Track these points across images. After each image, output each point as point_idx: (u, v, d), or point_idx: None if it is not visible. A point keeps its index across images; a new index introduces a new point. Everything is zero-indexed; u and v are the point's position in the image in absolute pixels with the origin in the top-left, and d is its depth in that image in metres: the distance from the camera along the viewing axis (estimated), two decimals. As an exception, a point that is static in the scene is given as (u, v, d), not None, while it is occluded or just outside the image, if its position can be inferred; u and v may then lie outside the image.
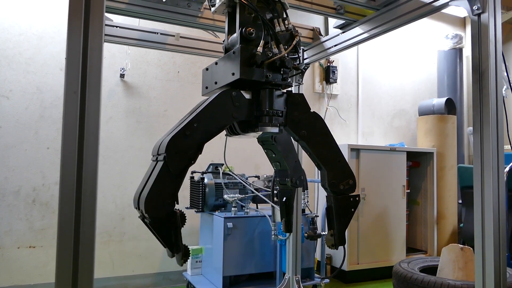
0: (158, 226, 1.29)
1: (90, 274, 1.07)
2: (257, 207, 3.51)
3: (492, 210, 1.42)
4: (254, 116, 1.42)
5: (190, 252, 1.37)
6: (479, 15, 1.50)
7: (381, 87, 5.09)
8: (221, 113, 1.38)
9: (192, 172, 3.39)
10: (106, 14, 1.14)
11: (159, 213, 1.26)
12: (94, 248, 1.08)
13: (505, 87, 3.71)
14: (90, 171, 1.08)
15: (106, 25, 2.21)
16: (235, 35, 1.47)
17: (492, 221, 1.42)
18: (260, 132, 1.46)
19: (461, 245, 2.91)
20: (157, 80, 3.81)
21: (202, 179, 3.28)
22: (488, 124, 1.45)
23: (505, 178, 1.49)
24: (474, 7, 1.50)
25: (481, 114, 1.47)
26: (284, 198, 1.81)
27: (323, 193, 4.36)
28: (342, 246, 3.66)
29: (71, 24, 1.07)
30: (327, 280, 3.46)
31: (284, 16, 1.47)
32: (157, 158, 1.34)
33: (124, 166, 3.62)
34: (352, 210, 1.54)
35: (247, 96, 1.42)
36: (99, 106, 1.09)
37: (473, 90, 1.51)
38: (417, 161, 4.75)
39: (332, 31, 2.40)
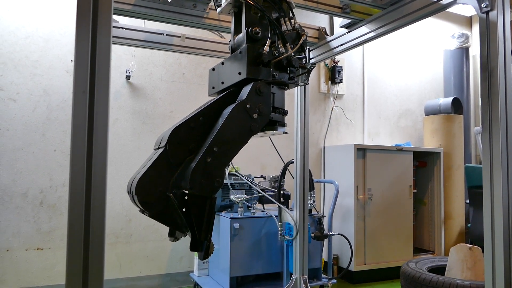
0: (147, 210, 1.25)
1: (100, 275, 1.07)
2: (263, 208, 3.50)
3: (501, 209, 1.41)
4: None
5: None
6: (487, 12, 1.49)
7: (387, 87, 5.07)
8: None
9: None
10: (112, 16, 1.14)
11: (149, 197, 1.23)
12: (104, 249, 1.08)
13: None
14: (99, 172, 1.08)
15: (112, 26, 2.22)
16: (241, 35, 1.47)
17: (501, 220, 1.41)
18: (271, 132, 1.46)
19: (470, 245, 2.89)
20: (162, 82, 3.82)
21: (209, 179, 3.27)
22: (497, 122, 1.43)
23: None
24: (482, 5, 1.49)
25: (490, 112, 1.46)
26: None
27: (329, 193, 4.35)
28: (349, 247, 3.67)
29: (79, 25, 1.08)
30: (334, 281, 3.45)
31: (291, 15, 1.47)
32: (158, 147, 1.33)
33: (130, 167, 3.63)
34: None
35: None
36: (107, 105, 1.09)
37: (481, 88, 1.50)
38: (423, 161, 4.73)
39: (338, 30, 2.40)
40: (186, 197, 1.23)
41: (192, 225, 1.24)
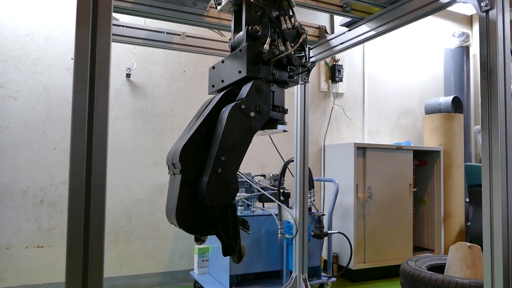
0: (196, 234, 1.34)
1: (100, 274, 1.08)
2: (263, 206, 3.50)
3: (500, 208, 1.41)
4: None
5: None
6: (487, 11, 1.49)
7: (387, 86, 5.07)
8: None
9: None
10: (113, 14, 1.14)
11: (192, 225, 1.30)
12: (104, 248, 1.08)
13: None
14: (99, 170, 1.08)
15: (112, 24, 2.22)
16: (241, 33, 1.47)
17: (500, 219, 1.41)
18: (270, 131, 1.46)
19: (469, 244, 2.90)
20: (163, 80, 3.82)
21: (209, 178, 3.28)
22: (497, 121, 1.43)
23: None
24: (482, 4, 1.49)
25: (489, 111, 1.46)
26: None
27: (329, 192, 4.35)
28: (349, 245, 3.68)
29: (79, 23, 1.08)
30: (334, 279, 3.45)
31: (291, 13, 1.47)
32: (173, 171, 1.36)
33: (130, 165, 3.64)
34: None
35: None
36: (107, 103, 1.09)
37: (481, 87, 1.50)
38: (423, 160, 4.73)
39: (338, 29, 2.40)
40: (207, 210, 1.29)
41: (220, 234, 1.29)
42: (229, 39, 1.59)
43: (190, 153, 1.31)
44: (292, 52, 1.40)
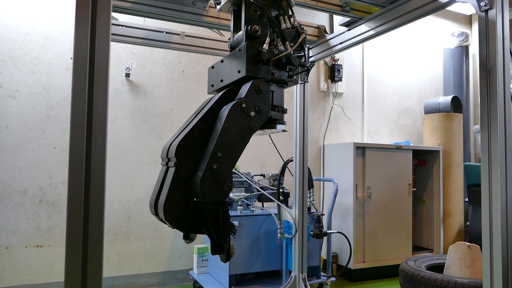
0: (181, 230, 1.31)
1: (99, 273, 1.07)
2: (262, 206, 3.50)
3: (500, 207, 1.41)
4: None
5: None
6: (486, 11, 1.49)
7: (387, 85, 5.08)
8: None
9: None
10: (112, 13, 1.15)
11: (179, 219, 1.28)
12: (103, 247, 1.08)
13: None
14: (98, 169, 1.08)
15: (111, 24, 2.22)
16: (240, 33, 1.47)
17: (500, 219, 1.41)
18: (270, 130, 1.46)
19: (468, 243, 2.90)
20: (162, 79, 3.82)
21: (208, 178, 3.27)
22: (496, 121, 1.44)
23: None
24: (481, 4, 1.49)
25: (488, 111, 1.46)
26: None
27: (328, 192, 4.35)
28: (348, 245, 3.68)
29: (78, 22, 1.08)
30: (333, 279, 3.45)
31: (290, 13, 1.47)
32: (167, 163, 1.35)
33: (129, 165, 3.63)
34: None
35: None
36: (106, 103, 1.09)
37: (480, 87, 1.50)
38: (423, 159, 4.73)
39: (338, 28, 2.40)
40: (199, 206, 1.27)
41: (210, 231, 1.28)
42: (229, 39, 1.59)
43: (186, 148, 1.31)
44: (291, 52, 1.40)
